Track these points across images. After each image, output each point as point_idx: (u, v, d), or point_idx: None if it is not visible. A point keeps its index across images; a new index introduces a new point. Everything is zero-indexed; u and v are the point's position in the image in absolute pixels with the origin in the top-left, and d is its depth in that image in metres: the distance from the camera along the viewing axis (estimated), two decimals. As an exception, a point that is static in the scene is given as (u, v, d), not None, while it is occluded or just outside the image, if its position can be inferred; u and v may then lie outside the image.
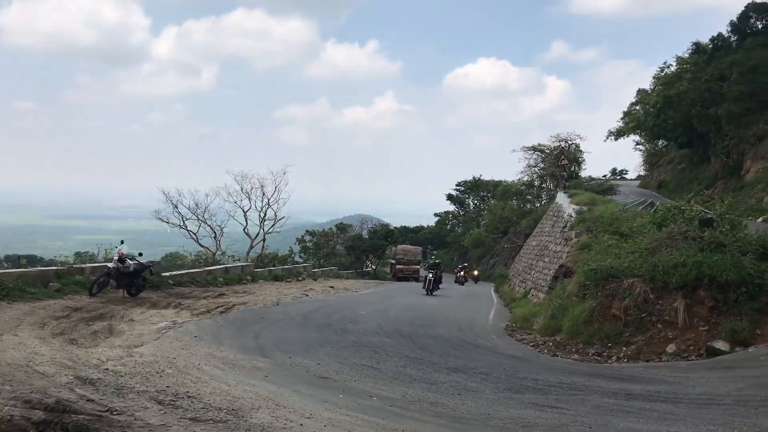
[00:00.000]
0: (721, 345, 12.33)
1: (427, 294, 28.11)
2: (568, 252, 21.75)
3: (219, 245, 38.46)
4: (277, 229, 41.23)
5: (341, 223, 64.15)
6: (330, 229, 61.39)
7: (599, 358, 12.90)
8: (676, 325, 13.11)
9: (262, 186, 40.01)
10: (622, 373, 11.15)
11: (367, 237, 58.55)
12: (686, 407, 7.81)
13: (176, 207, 38.29)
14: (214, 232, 38.68)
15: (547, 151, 52.54)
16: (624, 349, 13.14)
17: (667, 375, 10.59)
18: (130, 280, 15.98)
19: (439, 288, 29.86)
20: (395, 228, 71.52)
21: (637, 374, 10.87)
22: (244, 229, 39.60)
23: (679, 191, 42.08)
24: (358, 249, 53.74)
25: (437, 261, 41.55)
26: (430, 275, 29.05)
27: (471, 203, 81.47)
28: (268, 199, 40.12)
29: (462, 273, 42.87)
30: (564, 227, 25.92)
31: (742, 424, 6.73)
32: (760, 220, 28.25)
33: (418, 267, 49.58)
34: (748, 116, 36.48)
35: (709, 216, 16.60)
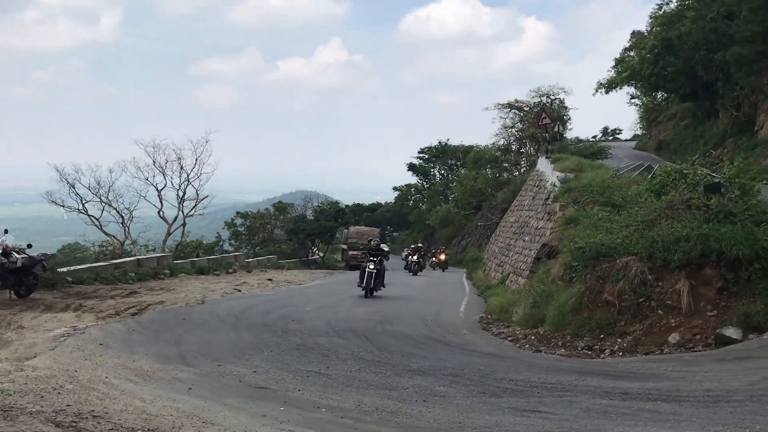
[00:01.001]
0: (731, 332, 12.67)
1: (367, 296, 22.53)
2: (551, 228, 22.10)
3: (128, 233, 37.96)
4: (200, 211, 40.89)
5: (280, 203, 63.92)
6: (266, 209, 61.17)
7: (590, 353, 13.17)
8: (680, 311, 13.44)
9: (179, 158, 39.51)
10: (617, 369, 11.42)
11: (312, 218, 58.42)
12: (692, 406, 8.06)
13: (73, 187, 37.56)
14: (122, 217, 38.17)
15: (526, 109, 53.10)
16: (619, 340, 13.43)
17: (670, 369, 10.89)
18: (18, 279, 15.70)
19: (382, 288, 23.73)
20: (346, 206, 71.59)
21: (635, 370, 11.15)
22: (159, 212, 39.13)
23: (682, 152, 42.99)
24: (302, 233, 53.62)
25: (418, 245, 42.57)
26: (371, 266, 22.67)
27: (437, 174, 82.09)
28: (188, 175, 39.66)
29: (415, 257, 39.15)
30: (547, 199, 26.31)
31: (755, 423, 6.97)
32: (775, 183, 29.16)
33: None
34: (762, 61, 37.29)
35: (716, 181, 17.00)
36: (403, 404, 8.17)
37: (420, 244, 42.70)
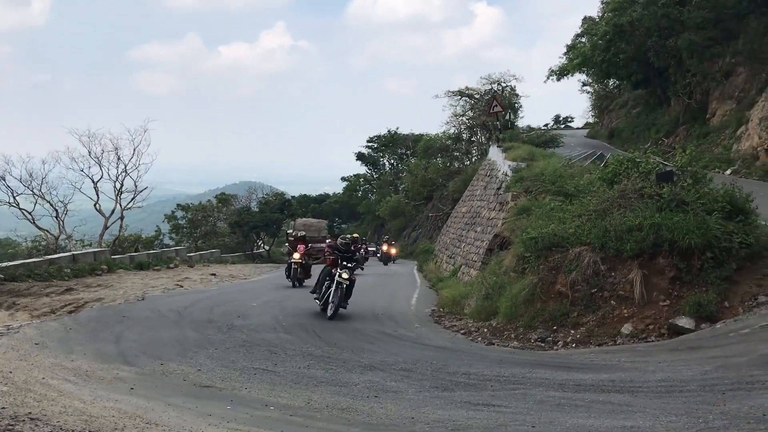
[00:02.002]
0: (684, 322, 13.03)
1: (329, 317, 15.89)
2: (503, 218, 22.35)
3: (63, 227, 37.29)
4: (139, 204, 40.34)
5: (223, 194, 63.30)
6: (208, 201, 60.51)
7: (543, 345, 13.43)
8: (633, 301, 13.77)
9: (116, 148, 38.88)
10: (571, 360, 11.66)
11: (257, 210, 58.02)
12: (645, 397, 8.28)
13: (3, 179, 36.78)
14: (56, 210, 37.43)
15: (477, 96, 53.51)
16: (572, 332, 13.71)
17: (623, 360, 11.15)
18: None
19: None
20: (293, 197, 71.24)
21: (588, 361, 11.40)
22: (95, 205, 38.49)
23: (634, 140, 43.91)
24: (246, 226, 53.20)
25: (353, 236, 35.85)
26: (344, 275, 16.26)
27: (386, 163, 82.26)
28: (125, 166, 39.07)
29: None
30: (498, 188, 26.59)
31: (708, 413, 7.18)
32: (728, 172, 29.96)
33: (323, 245, 49.76)
34: (713, 48, 38.22)
35: (668, 169, 17.40)
36: (354, 400, 8.23)
37: (356, 235, 33.99)
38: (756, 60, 36.12)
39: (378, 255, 45.23)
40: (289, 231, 28.15)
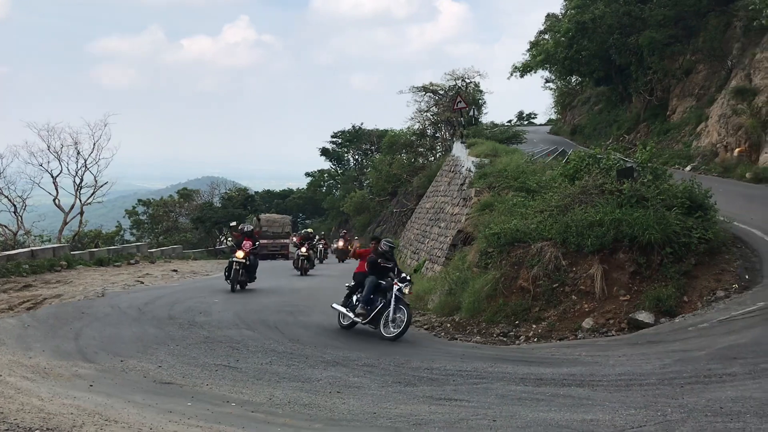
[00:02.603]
0: (644, 316, 13.28)
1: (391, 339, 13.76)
2: (467, 214, 22.46)
3: (21, 222, 36.69)
4: (99, 199, 39.83)
5: (185, 189, 62.92)
6: (170, 197, 60.12)
7: (505, 339, 13.58)
8: (593, 296, 13.99)
9: (76, 143, 38.29)
10: (532, 355, 11.81)
11: (219, 206, 57.72)
12: (605, 390, 8.43)
13: (-41, 174, 36.07)
14: (14, 206, 36.83)
15: (441, 92, 53.63)
16: (534, 326, 13.88)
17: (584, 354, 11.33)
18: None
19: None
20: (256, 193, 70.99)
21: (549, 356, 11.56)
22: (54, 200, 37.95)
23: (596, 137, 44.42)
24: (209, 221, 52.93)
25: (307, 231, 35.49)
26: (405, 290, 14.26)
27: (351, 159, 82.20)
28: (85, 160, 38.52)
29: (304, 249, 29.69)
30: (462, 184, 26.71)
31: (666, 406, 7.34)
32: (688, 168, 30.50)
33: (287, 241, 49.61)
34: (673, 45, 38.81)
35: (628, 165, 17.65)
36: (317, 396, 8.26)
37: (309, 230, 35.20)
38: (715, 58, 36.77)
39: (333, 251, 44.93)
40: (233, 224, 26.93)
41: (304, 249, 29.53)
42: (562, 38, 45.64)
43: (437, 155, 54.52)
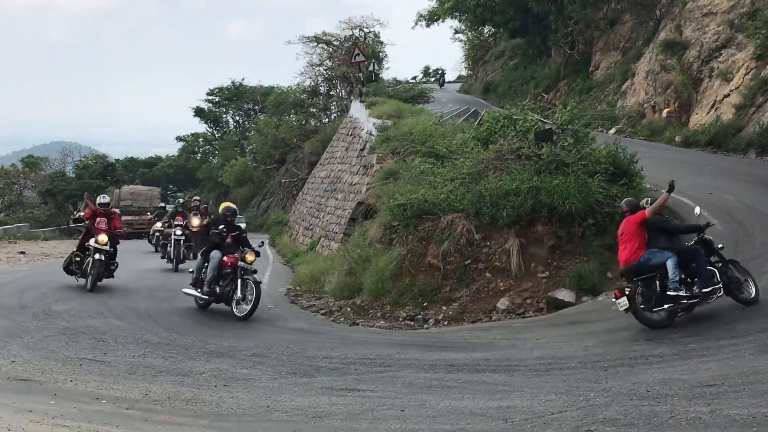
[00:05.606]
0: (564, 295, 13.78)
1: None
2: (368, 184, 22.63)
3: None
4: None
5: (30, 157, 61.11)
6: (12, 166, 58.23)
7: (412, 323, 13.88)
8: (509, 273, 14.40)
9: None
10: (443, 339, 12.16)
11: (73, 176, 56.25)
12: (522, 376, 8.82)
13: None
14: None
15: (336, 44, 53.51)
16: (444, 308, 14.21)
17: (499, 338, 11.74)
18: None
19: None
20: (117, 161, 69.41)
21: (461, 340, 11.93)
22: None
23: (511, 96, 45.09)
24: (61, 195, 51.54)
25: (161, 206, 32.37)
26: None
27: (231, 120, 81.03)
28: None
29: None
30: (362, 150, 26.88)
31: (589, 390, 7.75)
32: (612, 130, 31.42)
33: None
34: (597, -8, 39.63)
35: (547, 127, 18.09)
36: (200, 390, 8.34)
37: (162, 205, 32.99)
38: (643, 6, 37.71)
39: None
40: (86, 195, 23.40)
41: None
42: (473, -18, 45.81)
43: (332, 116, 54.52)
